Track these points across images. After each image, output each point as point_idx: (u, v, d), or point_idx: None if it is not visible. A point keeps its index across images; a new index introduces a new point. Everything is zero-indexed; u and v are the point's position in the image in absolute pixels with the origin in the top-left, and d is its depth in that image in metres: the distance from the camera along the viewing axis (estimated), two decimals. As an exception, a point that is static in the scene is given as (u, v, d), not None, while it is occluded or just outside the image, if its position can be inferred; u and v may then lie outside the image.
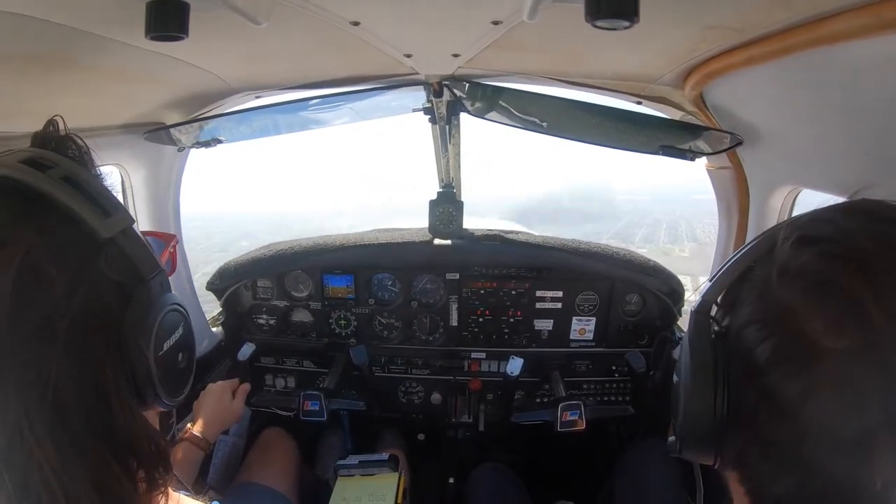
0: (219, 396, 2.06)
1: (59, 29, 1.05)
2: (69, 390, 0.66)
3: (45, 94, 1.32)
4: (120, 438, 0.71)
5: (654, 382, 2.49)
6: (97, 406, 0.69)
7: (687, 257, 5.87)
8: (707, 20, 1.11)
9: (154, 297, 0.76)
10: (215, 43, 1.36)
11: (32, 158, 0.71)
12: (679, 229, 43.89)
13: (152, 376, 0.74)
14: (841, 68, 1.02)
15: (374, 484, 2.04)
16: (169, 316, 0.79)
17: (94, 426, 0.69)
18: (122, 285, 0.73)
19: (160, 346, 0.76)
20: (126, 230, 0.75)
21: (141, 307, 0.74)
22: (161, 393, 0.76)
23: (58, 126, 0.79)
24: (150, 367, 0.74)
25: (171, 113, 1.87)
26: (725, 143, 1.69)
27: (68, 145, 0.78)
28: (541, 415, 2.40)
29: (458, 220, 2.55)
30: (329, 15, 1.18)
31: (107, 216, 0.72)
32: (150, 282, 0.76)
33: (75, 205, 0.69)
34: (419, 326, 2.72)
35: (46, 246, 0.67)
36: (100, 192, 0.74)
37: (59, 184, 0.69)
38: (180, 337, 0.82)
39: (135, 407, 0.74)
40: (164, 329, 0.77)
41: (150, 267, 0.77)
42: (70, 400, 0.67)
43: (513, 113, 2.06)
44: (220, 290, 2.67)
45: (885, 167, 1.09)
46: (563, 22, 1.15)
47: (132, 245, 0.75)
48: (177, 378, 0.81)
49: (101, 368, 0.70)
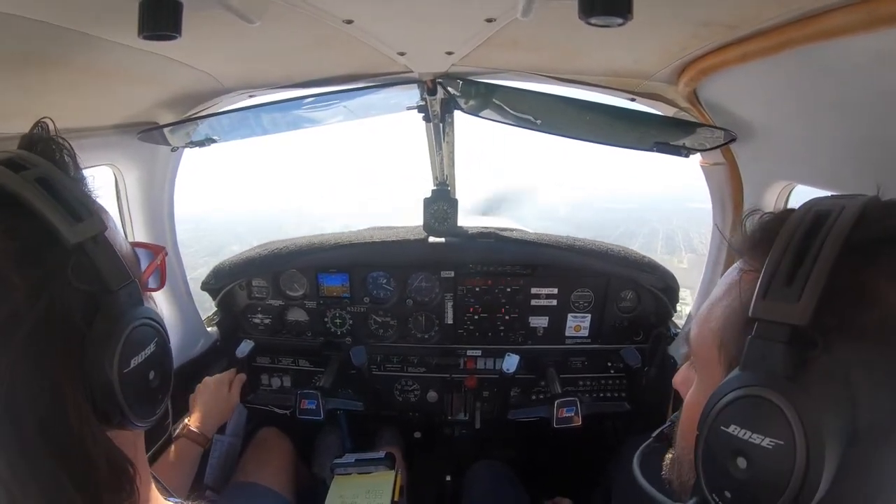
0: (215, 389, 2.06)
1: (51, 28, 1.05)
2: (23, 398, 0.64)
3: (38, 94, 1.31)
4: (77, 457, 0.68)
5: (650, 378, 2.50)
6: (53, 420, 0.66)
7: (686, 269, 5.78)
8: (701, 17, 1.11)
9: (122, 309, 0.73)
10: (208, 42, 1.36)
11: (11, 159, 0.70)
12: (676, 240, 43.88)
13: (115, 394, 0.70)
14: (834, 64, 1.03)
15: (371, 482, 2.05)
16: (139, 330, 0.74)
17: (49, 440, 0.66)
18: (89, 295, 0.70)
19: (126, 362, 0.71)
20: (97, 237, 0.72)
21: (105, 319, 0.70)
22: (127, 412, 0.72)
23: (46, 128, 0.78)
24: (112, 384, 0.69)
25: (165, 112, 1.86)
26: (719, 139, 1.69)
27: (54, 147, 0.76)
28: (537, 411, 2.42)
29: (452, 218, 2.55)
30: (322, 13, 1.18)
31: (77, 221, 0.69)
32: (119, 292, 0.72)
33: (44, 207, 0.67)
34: (415, 324, 2.72)
35: (9, 250, 0.65)
36: (74, 197, 0.71)
37: (30, 185, 0.67)
38: (152, 354, 0.76)
39: (95, 426, 0.70)
40: (132, 344, 0.73)
41: (119, 277, 0.73)
42: (23, 409, 0.64)
43: (507, 111, 2.06)
44: (214, 290, 2.66)
45: (879, 163, 1.10)
46: (556, 19, 1.15)
47: (102, 253, 0.72)
48: (146, 397, 0.76)
49: (59, 380, 0.67)
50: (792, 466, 0.60)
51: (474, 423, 2.62)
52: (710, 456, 0.69)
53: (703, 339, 0.80)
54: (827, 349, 0.62)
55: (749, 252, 0.76)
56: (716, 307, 0.79)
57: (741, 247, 0.78)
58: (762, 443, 0.63)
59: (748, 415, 0.64)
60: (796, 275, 0.63)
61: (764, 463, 0.63)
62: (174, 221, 2.28)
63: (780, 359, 0.63)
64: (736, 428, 0.65)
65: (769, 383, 0.63)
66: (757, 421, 0.64)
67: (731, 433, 0.65)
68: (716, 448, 0.68)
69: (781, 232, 0.69)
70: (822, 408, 0.61)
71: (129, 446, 0.77)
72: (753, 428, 0.64)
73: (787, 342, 0.63)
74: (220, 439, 2.28)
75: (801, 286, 0.62)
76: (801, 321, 0.62)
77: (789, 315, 0.63)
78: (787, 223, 0.69)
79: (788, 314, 0.63)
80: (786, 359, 0.63)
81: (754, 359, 0.66)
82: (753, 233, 0.77)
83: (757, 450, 0.63)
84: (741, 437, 0.64)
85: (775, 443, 0.62)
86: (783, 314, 0.63)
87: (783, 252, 0.66)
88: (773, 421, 0.62)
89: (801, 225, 0.67)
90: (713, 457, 0.68)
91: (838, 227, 0.63)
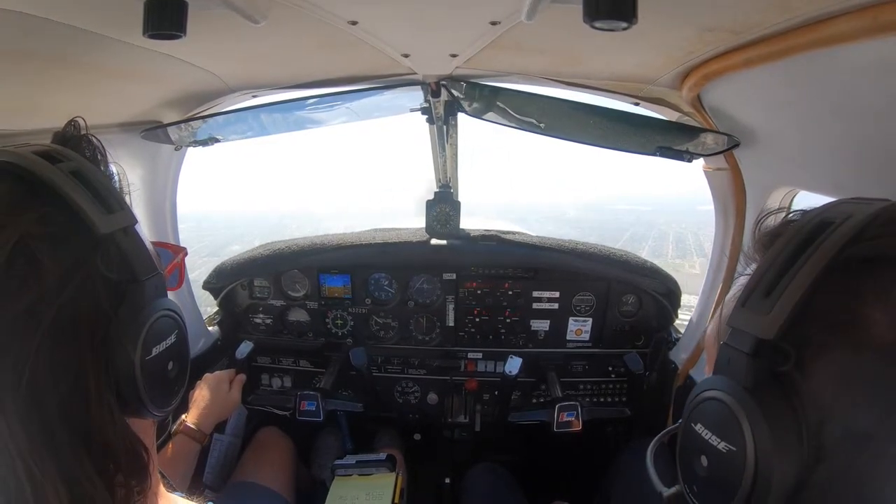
0: (215, 386, 2.06)
1: (56, 27, 1.05)
2: (46, 381, 0.66)
3: (43, 92, 1.32)
4: (97, 440, 0.69)
5: (651, 383, 2.50)
6: (75, 403, 0.68)
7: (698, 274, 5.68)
8: (705, 22, 1.11)
9: (147, 299, 0.75)
10: (213, 42, 1.36)
11: (47, 152, 0.72)
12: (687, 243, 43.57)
13: (136, 381, 0.72)
14: (838, 70, 1.02)
15: (372, 483, 2.04)
16: (161, 321, 0.77)
17: (70, 423, 0.67)
18: (116, 284, 0.72)
19: (148, 350, 0.74)
20: (127, 229, 0.74)
21: (132, 307, 0.73)
22: (145, 399, 0.73)
23: (78, 126, 0.80)
24: (134, 371, 0.71)
25: (169, 112, 1.86)
26: (722, 144, 1.69)
27: (85, 144, 0.79)
28: (537, 415, 2.41)
29: (455, 221, 2.55)
30: (327, 14, 1.18)
31: (109, 213, 0.72)
32: (145, 283, 0.74)
33: (78, 197, 0.69)
34: (416, 326, 2.72)
35: (43, 234, 0.67)
36: (107, 190, 0.74)
37: (65, 176, 0.70)
38: (172, 344, 0.79)
39: (116, 411, 0.71)
40: (155, 333, 0.75)
41: (147, 268, 0.75)
42: (46, 391, 0.66)
43: (510, 113, 2.06)
44: (216, 290, 2.67)
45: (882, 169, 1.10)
46: (561, 23, 1.15)
47: (131, 244, 0.74)
48: (165, 387, 0.78)
49: (83, 365, 0.68)
50: (742, 472, 0.62)
51: (474, 425, 2.62)
52: (683, 449, 0.72)
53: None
54: (799, 364, 0.62)
55: (756, 256, 0.76)
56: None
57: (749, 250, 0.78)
58: (718, 445, 0.66)
59: (710, 417, 0.67)
60: (776, 286, 0.63)
61: (719, 465, 0.66)
62: (177, 220, 2.29)
63: (741, 368, 0.65)
64: (701, 427, 0.69)
65: (729, 390, 0.65)
66: (716, 424, 0.66)
67: (697, 431, 0.69)
68: (686, 443, 0.72)
69: (778, 240, 0.68)
70: (778, 420, 0.61)
71: (143, 435, 0.79)
72: (713, 430, 0.67)
73: (751, 353, 0.64)
74: (219, 439, 2.28)
75: (776, 299, 0.63)
76: (767, 335, 0.62)
77: (756, 327, 0.63)
78: (787, 231, 0.68)
79: (755, 326, 0.63)
80: (747, 369, 0.64)
81: (721, 364, 0.68)
82: (762, 236, 0.76)
83: (715, 451, 0.66)
84: (704, 436, 0.68)
85: (728, 448, 0.64)
86: (751, 325, 0.64)
87: (772, 262, 0.66)
88: (728, 426, 0.64)
89: (799, 234, 0.66)
90: (685, 450, 0.72)
91: (831, 241, 0.62)
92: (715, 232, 2.18)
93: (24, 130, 1.37)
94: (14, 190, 0.68)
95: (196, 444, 1.87)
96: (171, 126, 1.88)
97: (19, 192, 0.68)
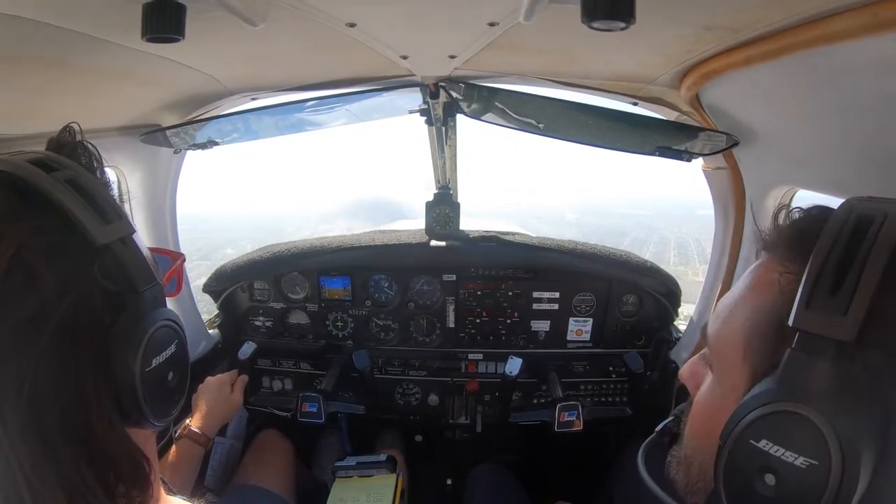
0: (217, 389, 2.06)
1: (55, 31, 1.05)
2: (47, 393, 0.65)
3: (42, 96, 1.32)
4: (98, 451, 0.69)
5: (652, 383, 2.49)
6: (75, 414, 0.67)
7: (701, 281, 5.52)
8: (703, 21, 1.11)
9: (146, 309, 0.74)
10: (212, 45, 1.36)
11: (41, 160, 0.71)
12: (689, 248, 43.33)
13: (136, 391, 0.71)
14: (837, 68, 1.02)
15: (372, 485, 2.04)
16: (161, 331, 0.76)
17: (71, 434, 0.67)
18: (115, 295, 0.71)
19: (148, 360, 0.73)
20: (125, 239, 0.73)
21: (131, 318, 0.72)
22: (146, 410, 0.73)
23: (73, 132, 0.79)
24: (134, 382, 0.71)
25: (168, 115, 1.86)
26: (721, 143, 1.69)
27: (80, 151, 0.78)
28: (538, 415, 2.41)
29: (454, 222, 2.55)
30: (325, 16, 1.18)
31: (106, 223, 0.71)
32: (144, 293, 0.74)
33: (74, 208, 0.68)
34: (416, 328, 2.71)
35: (39, 245, 0.66)
36: (103, 199, 0.73)
37: (61, 186, 0.69)
38: (172, 354, 0.78)
39: (116, 421, 0.71)
40: (155, 344, 0.75)
41: (146, 279, 0.75)
42: (47, 403, 0.65)
43: (509, 114, 2.06)
44: (216, 293, 2.67)
45: (882, 168, 1.10)
46: (559, 23, 1.15)
47: (129, 255, 0.73)
48: (165, 397, 0.78)
49: (83, 377, 0.68)
50: (825, 487, 0.58)
51: (475, 426, 2.62)
52: (733, 468, 0.66)
53: (725, 339, 0.77)
54: (867, 366, 0.59)
55: (784, 252, 0.73)
56: (741, 305, 0.76)
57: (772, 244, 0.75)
58: (795, 461, 0.60)
59: (782, 431, 0.62)
60: (843, 284, 0.60)
61: (795, 482, 0.60)
62: (176, 223, 2.29)
63: (822, 375, 0.60)
64: (767, 443, 0.62)
65: (809, 400, 0.60)
66: (792, 438, 0.61)
67: (760, 448, 0.63)
68: (741, 461, 0.65)
69: (822, 235, 0.65)
70: (860, 429, 0.58)
71: (144, 444, 0.78)
72: (787, 445, 0.61)
73: (832, 358, 0.59)
74: (220, 441, 2.28)
75: (848, 297, 0.59)
76: (849, 336, 0.58)
77: (836, 329, 0.59)
78: (827, 226, 0.65)
79: (835, 328, 0.59)
80: (829, 376, 0.59)
81: (793, 372, 0.63)
82: (791, 233, 0.73)
83: (788, 468, 0.61)
84: (772, 453, 0.62)
85: (809, 462, 0.59)
86: (829, 328, 0.59)
87: (826, 258, 0.62)
88: (809, 440, 0.59)
89: (844, 229, 0.63)
90: (737, 470, 0.65)
91: (885, 234, 0.60)
92: (714, 231, 2.18)
93: (23, 135, 1.37)
94: (9, 200, 0.67)
95: (200, 447, 1.87)
96: (170, 129, 1.88)
97: (14, 202, 0.67)
